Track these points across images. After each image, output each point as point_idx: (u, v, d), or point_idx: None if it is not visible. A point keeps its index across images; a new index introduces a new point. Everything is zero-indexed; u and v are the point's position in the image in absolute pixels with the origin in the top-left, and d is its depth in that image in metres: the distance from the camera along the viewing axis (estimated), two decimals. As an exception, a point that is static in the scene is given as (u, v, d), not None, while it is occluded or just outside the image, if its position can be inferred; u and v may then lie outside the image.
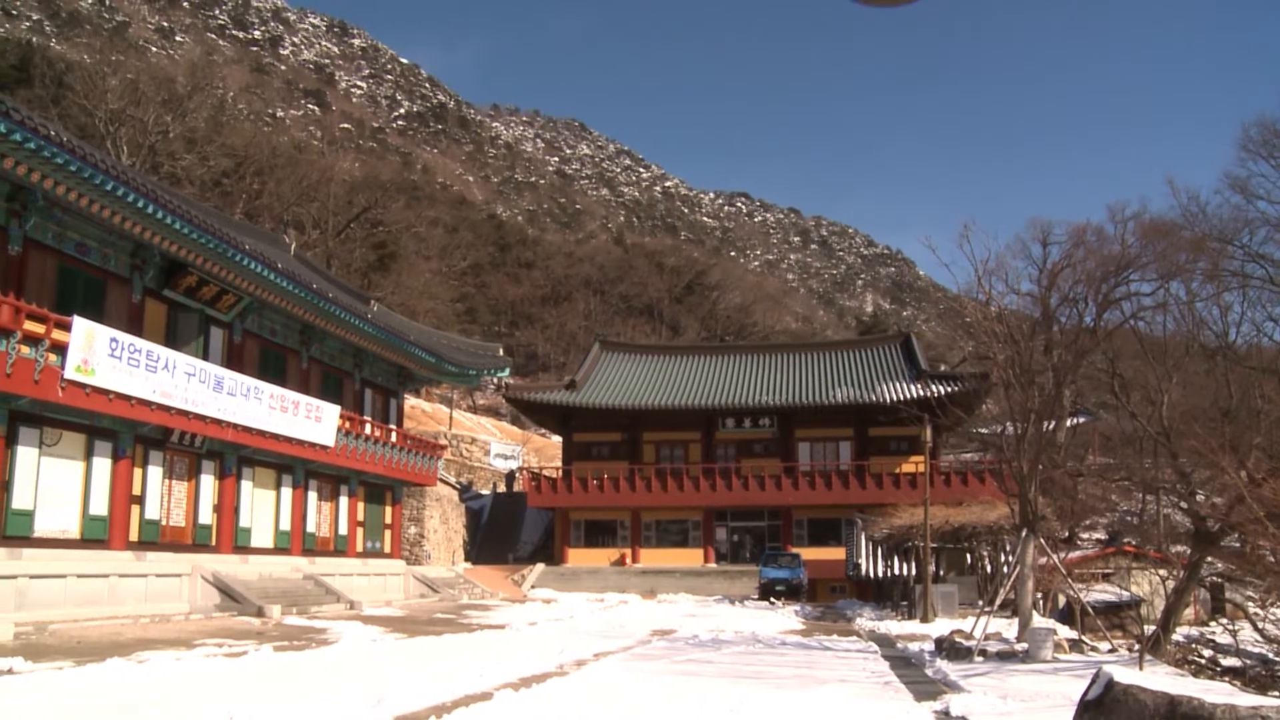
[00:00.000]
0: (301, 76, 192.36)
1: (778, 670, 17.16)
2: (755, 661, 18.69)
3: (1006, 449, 25.56)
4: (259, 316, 32.11)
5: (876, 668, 18.01)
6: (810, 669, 17.43)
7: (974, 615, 24.22)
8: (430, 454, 41.98)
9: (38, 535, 22.69)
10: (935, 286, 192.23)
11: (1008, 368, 24.89)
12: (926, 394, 46.41)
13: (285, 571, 31.67)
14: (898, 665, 18.66)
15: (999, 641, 20.82)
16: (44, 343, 21.39)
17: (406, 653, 18.51)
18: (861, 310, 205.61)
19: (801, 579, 44.39)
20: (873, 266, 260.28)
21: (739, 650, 20.96)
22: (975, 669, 17.44)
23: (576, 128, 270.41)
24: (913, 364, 56.87)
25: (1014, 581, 23.22)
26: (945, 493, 45.51)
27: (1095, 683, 8.73)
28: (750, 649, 21.43)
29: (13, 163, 19.94)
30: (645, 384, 58.91)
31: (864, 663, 18.87)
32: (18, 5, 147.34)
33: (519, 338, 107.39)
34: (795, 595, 43.39)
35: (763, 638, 24.49)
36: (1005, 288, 28.96)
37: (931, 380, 52.67)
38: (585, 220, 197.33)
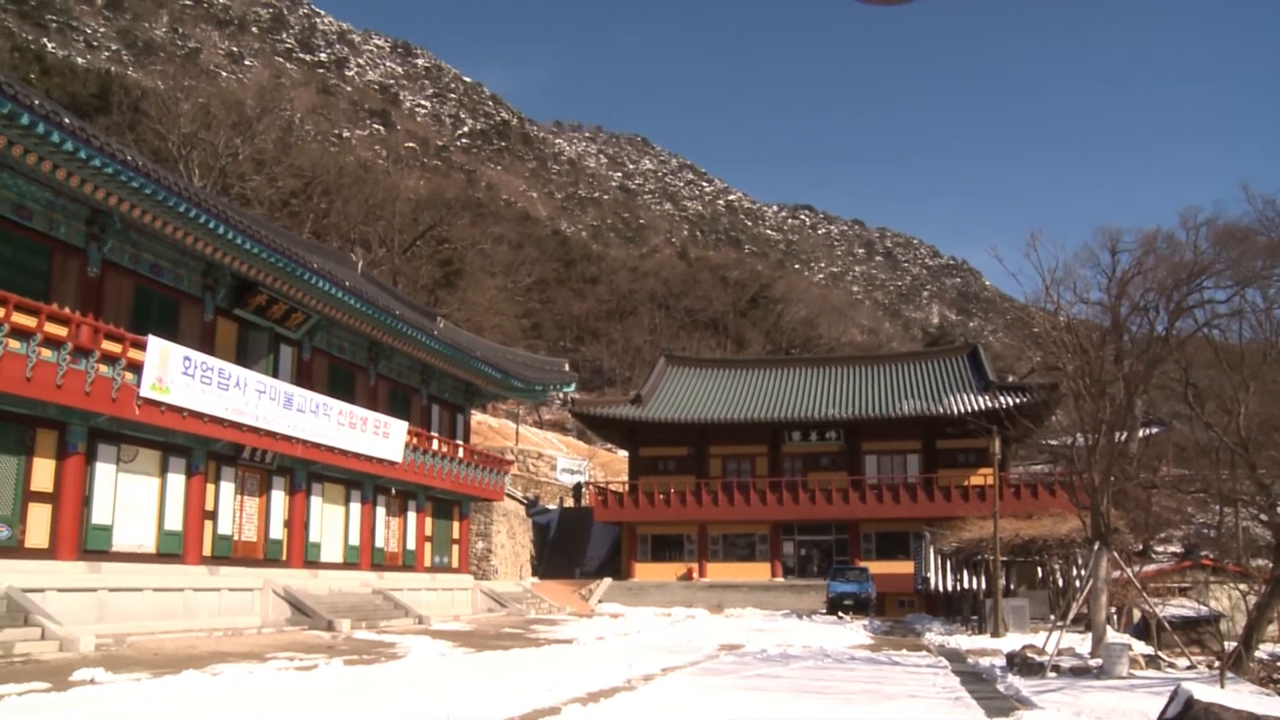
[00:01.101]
0: (367, 97, 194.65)
1: (846, 685, 17.02)
2: (823, 677, 18.54)
3: (1077, 461, 25.20)
4: (327, 334, 32.49)
5: (947, 683, 17.79)
6: (879, 684, 17.26)
7: (1046, 630, 23.90)
8: (497, 469, 42.20)
9: (116, 550, 23.13)
10: (1002, 297, 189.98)
11: (1077, 378, 24.56)
12: (994, 405, 45.92)
13: (354, 586, 31.95)
14: (968, 681, 18.42)
15: (1072, 657, 20.49)
16: (121, 362, 21.81)
17: (475, 667, 18.58)
18: (927, 322, 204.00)
19: (869, 593, 44.02)
20: (938, 277, 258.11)
21: (807, 665, 20.82)
22: (1048, 685, 17.18)
23: (639, 142, 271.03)
24: (980, 375, 56.26)
25: (1087, 596, 22.86)
26: (1015, 505, 44.94)
27: (1174, 700, 8.57)
28: (818, 664, 21.28)
29: (91, 187, 20.40)
30: (711, 398, 58.80)
31: (934, 678, 18.65)
32: (99, 37, 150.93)
33: (584, 353, 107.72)
34: (863, 609, 43.04)
35: (831, 652, 24.30)
36: (1074, 297, 28.50)
37: (999, 392, 52.08)
38: (649, 235, 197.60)
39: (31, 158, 18.96)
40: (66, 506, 21.76)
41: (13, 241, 21.20)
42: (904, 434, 54.78)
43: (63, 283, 22.29)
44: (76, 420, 21.92)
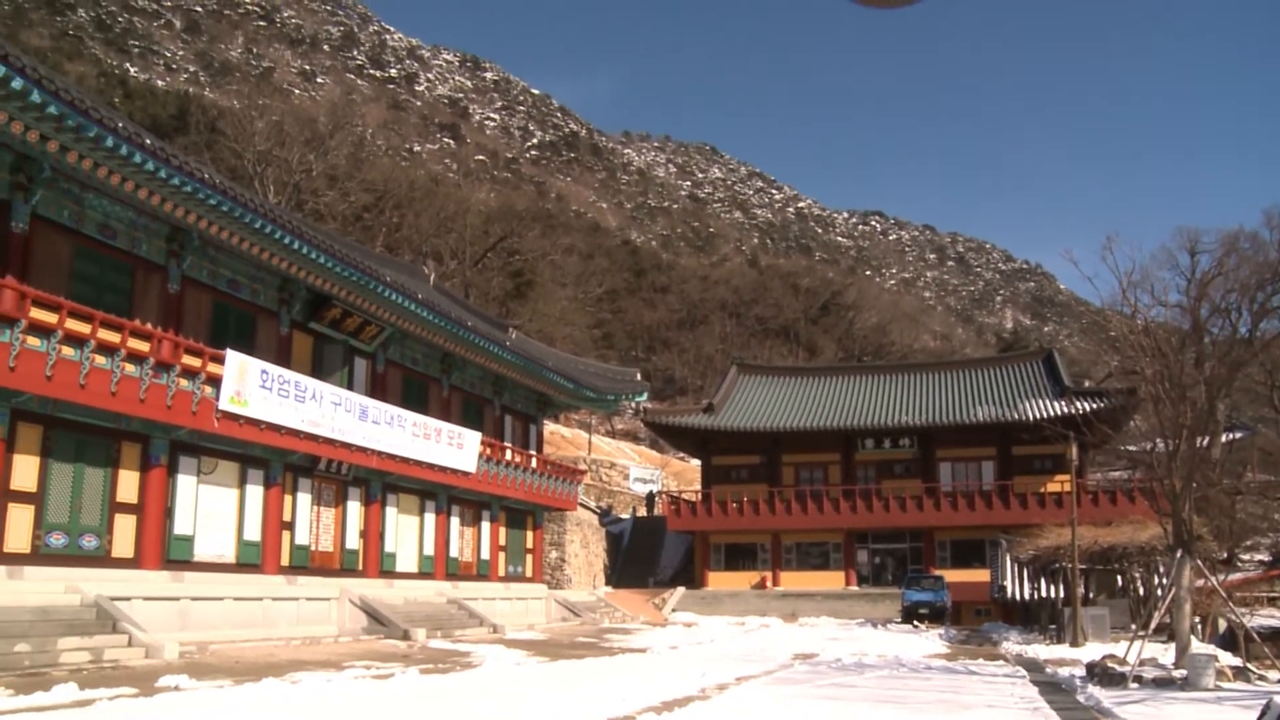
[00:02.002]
0: (437, 111, 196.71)
1: (922, 695, 16.85)
2: (899, 686, 18.38)
3: (1157, 467, 24.72)
4: (401, 346, 32.86)
5: (1025, 693, 17.54)
6: (955, 694, 17.08)
7: (1126, 640, 23.47)
8: (570, 479, 42.36)
9: (197, 560, 23.58)
10: (1077, 301, 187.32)
11: (1157, 382, 24.11)
12: (1071, 411, 45.14)
13: (429, 595, 32.24)
14: (1047, 691, 18.15)
15: (1155, 667, 20.11)
16: (200, 376, 22.25)
17: (549, 676, 18.66)
18: (1001, 327, 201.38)
19: (945, 602, 43.55)
20: (1012, 282, 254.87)
21: (882, 674, 20.65)
22: (1130, 696, 16.87)
23: (708, 151, 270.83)
24: (1056, 381, 55.44)
25: (1169, 605, 22.42)
26: (1093, 512, 44.23)
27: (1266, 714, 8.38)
28: (893, 673, 21.09)
29: (171, 205, 20.86)
30: (783, 406, 58.59)
31: (1011, 688, 18.40)
32: (177, 60, 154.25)
33: (656, 362, 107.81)
34: (939, 618, 42.59)
35: (906, 662, 24.08)
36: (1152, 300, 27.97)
37: (1076, 397, 51.22)
38: (719, 243, 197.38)
39: (115, 178, 19.44)
40: (150, 517, 22.24)
41: (98, 260, 21.74)
42: (979, 441, 54.16)
43: (144, 299, 22.80)
44: (159, 433, 22.40)
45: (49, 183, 20.07)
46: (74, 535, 20.53)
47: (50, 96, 16.95)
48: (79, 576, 19.87)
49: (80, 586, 19.48)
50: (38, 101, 16.79)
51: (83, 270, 21.37)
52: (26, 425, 19.63)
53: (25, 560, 19.29)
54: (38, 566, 19.43)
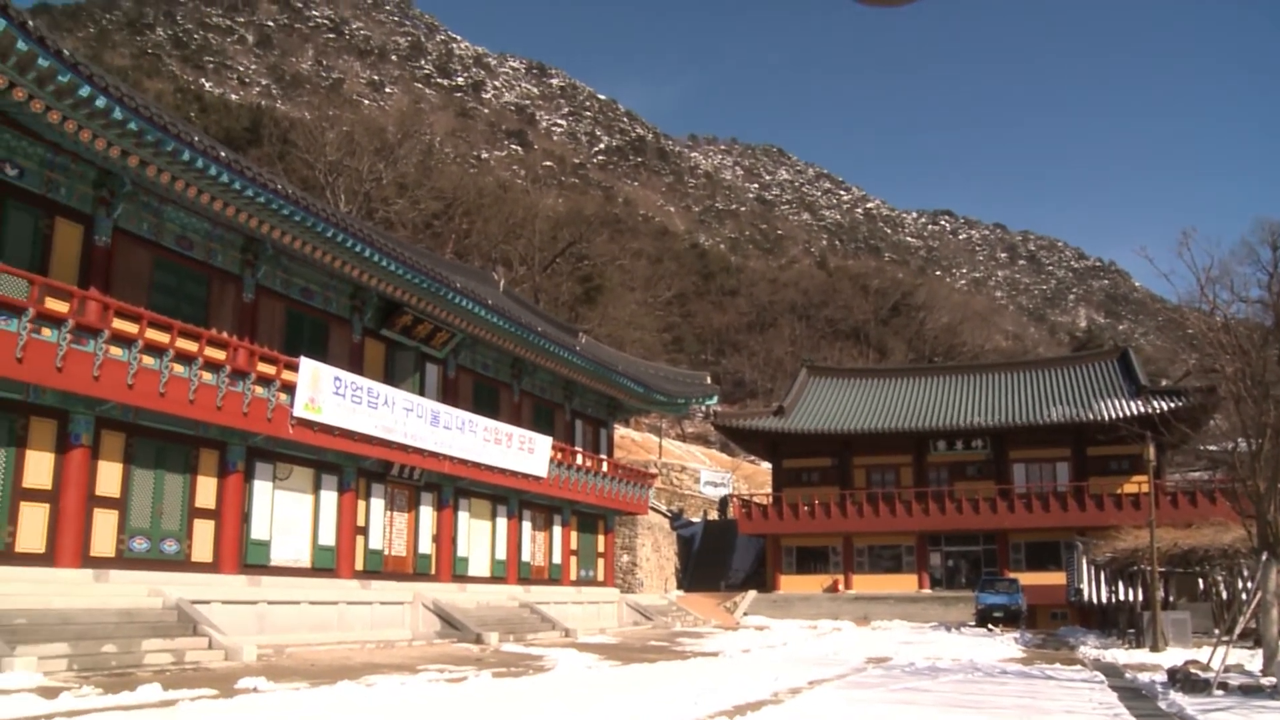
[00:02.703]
0: (504, 118, 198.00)
1: (998, 700, 16.63)
2: (974, 690, 18.16)
3: (1239, 467, 24.17)
4: (471, 352, 33.12)
5: (1104, 699, 17.23)
6: (1033, 699, 16.84)
7: (1209, 645, 22.97)
8: (641, 483, 42.42)
9: (274, 564, 23.95)
10: (1153, 298, 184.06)
11: (1237, 380, 23.58)
12: (1148, 411, 44.40)
13: (502, 600, 32.45)
14: (1127, 697, 17.81)
15: (1241, 674, 19.63)
16: (275, 383, 22.61)
17: (621, 680, 18.68)
18: (1074, 326, 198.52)
19: (1020, 605, 42.99)
20: (1084, 280, 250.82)
21: (957, 679, 20.41)
22: (1215, 703, 16.49)
23: (775, 153, 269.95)
24: (1132, 380, 54.51)
25: (1255, 609, 21.89)
26: (1172, 514, 43.46)
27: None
28: (968, 677, 20.84)
29: (245, 216, 21.24)
30: (854, 408, 58.24)
31: (1090, 693, 18.09)
32: (250, 74, 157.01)
33: (726, 365, 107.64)
34: (1014, 622, 42.04)
35: (981, 666, 23.79)
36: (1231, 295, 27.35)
37: (1153, 396, 50.34)
38: (788, 245, 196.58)
39: (192, 191, 19.84)
40: (228, 522, 22.65)
41: (176, 271, 22.20)
42: (1053, 441, 53.41)
43: (220, 308, 23.23)
44: (235, 440, 22.79)
45: (129, 196, 20.55)
46: (156, 540, 20.96)
47: (131, 113, 17.35)
48: (161, 580, 20.28)
49: (162, 590, 19.89)
50: (119, 118, 17.21)
51: (161, 281, 21.83)
52: (110, 433, 20.09)
53: (110, 564, 19.76)
54: (122, 570, 19.89)
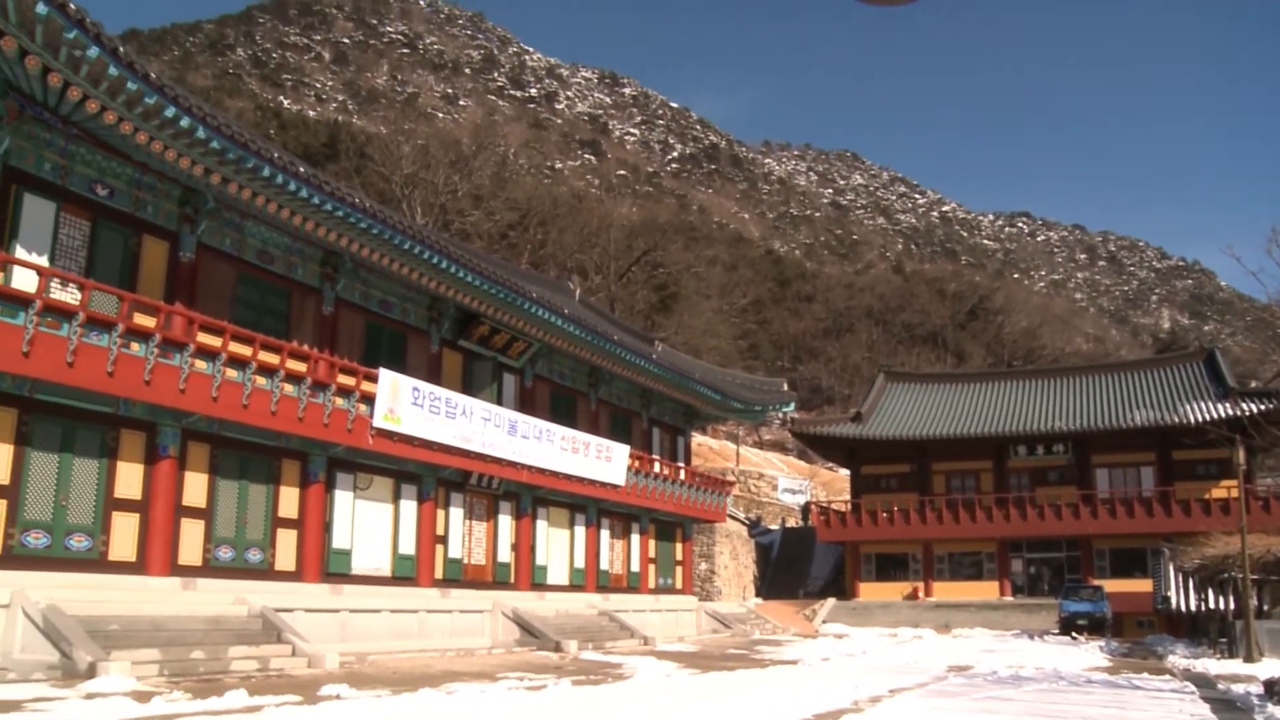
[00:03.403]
0: (577, 128, 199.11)
1: (1084, 710, 16.35)
2: (1059, 700, 17.86)
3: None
4: (548, 361, 33.32)
5: (1196, 710, 16.83)
6: (1120, 709, 16.52)
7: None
8: (718, 490, 42.34)
9: (355, 573, 24.28)
10: (1240, 298, 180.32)
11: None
12: (1236, 413, 43.41)
13: (580, 608, 32.55)
14: (1220, 709, 17.37)
15: (1344, 686, 19.03)
16: (355, 394, 22.93)
17: (700, 688, 18.66)
18: (1158, 327, 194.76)
19: (1105, 613, 42.18)
20: (1168, 280, 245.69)
21: (1041, 688, 20.08)
22: (1315, 716, 16.01)
23: (849, 158, 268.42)
24: (1219, 381, 53.34)
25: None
26: (1264, 519, 42.39)
27: None
28: (1053, 686, 20.49)
29: (324, 230, 21.60)
30: (932, 413, 57.66)
31: (1180, 704, 17.69)
32: (327, 90, 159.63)
33: (802, 372, 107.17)
34: (1099, 630, 41.26)
35: (1065, 675, 23.38)
36: (1323, 294, 26.76)
37: (1242, 398, 49.17)
38: (863, 250, 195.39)
39: (272, 206, 20.23)
40: (310, 532, 23.01)
41: (257, 285, 22.64)
42: (1137, 446, 52.40)
43: (301, 321, 23.63)
44: (317, 450, 23.15)
45: (212, 213, 21.00)
46: (240, 549, 21.36)
47: (213, 132, 17.75)
48: (245, 588, 20.66)
49: (247, 598, 20.25)
50: (202, 137, 17.62)
51: (243, 295, 22.27)
52: (196, 444, 20.52)
53: (197, 572, 20.18)
54: (209, 578, 20.30)
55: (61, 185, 18.43)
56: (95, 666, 14.89)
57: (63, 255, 18.43)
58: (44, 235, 18.11)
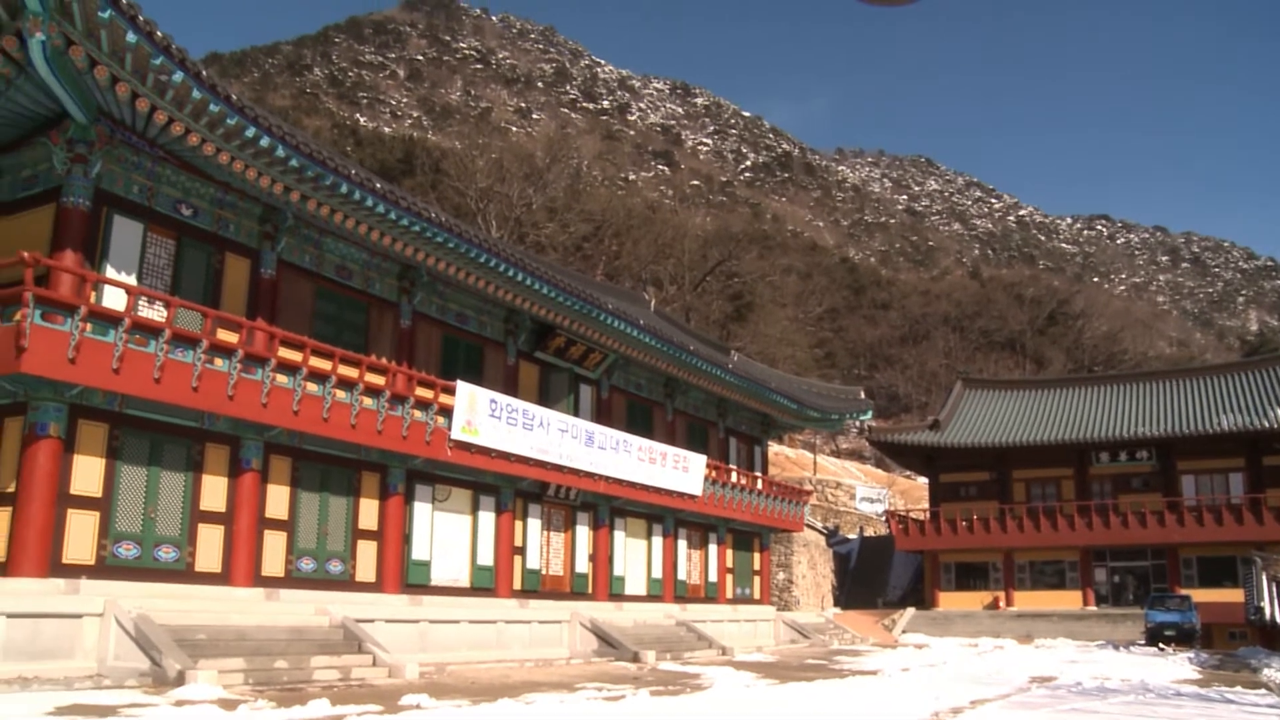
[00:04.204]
0: (650, 139, 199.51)
1: (1173, 721, 16.03)
2: (1147, 712, 17.49)
3: None
4: (624, 372, 33.42)
5: (1292, 723, 16.42)
6: (1211, 722, 16.16)
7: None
8: (796, 500, 42.15)
9: (434, 584, 24.53)
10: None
11: None
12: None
13: (658, 618, 32.56)
14: (1319, 722, 16.92)
15: None
16: (433, 407, 23.19)
17: (779, 698, 18.57)
18: (1245, 329, 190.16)
19: (1193, 623, 41.22)
20: (1255, 281, 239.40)
21: (1128, 700, 19.69)
22: None
23: (923, 164, 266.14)
24: (1313, 384, 52.02)
25: None
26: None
27: None
28: (1140, 698, 20.08)
29: (401, 245, 21.91)
30: (1011, 420, 56.92)
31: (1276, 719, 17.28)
32: (402, 107, 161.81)
33: (879, 379, 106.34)
34: (1187, 641, 40.35)
35: (1153, 687, 22.88)
36: None
37: (1335, 401, 47.94)
38: (939, 257, 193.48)
39: (350, 222, 20.57)
40: (389, 543, 23.29)
41: (336, 300, 23.00)
42: (1225, 451, 51.21)
43: (379, 335, 23.96)
44: (396, 463, 23.44)
45: (292, 230, 21.41)
46: (321, 560, 21.68)
47: (292, 150, 18.11)
48: (326, 599, 20.97)
49: (328, 608, 20.54)
50: (281, 156, 17.99)
51: (323, 309, 22.63)
52: (278, 457, 20.88)
53: (280, 583, 20.52)
54: (291, 589, 20.64)
55: (148, 206, 18.91)
56: (184, 674, 15.21)
57: (149, 274, 18.90)
58: (132, 255, 18.59)
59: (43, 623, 15.86)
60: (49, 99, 16.44)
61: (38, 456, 16.69)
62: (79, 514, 17.27)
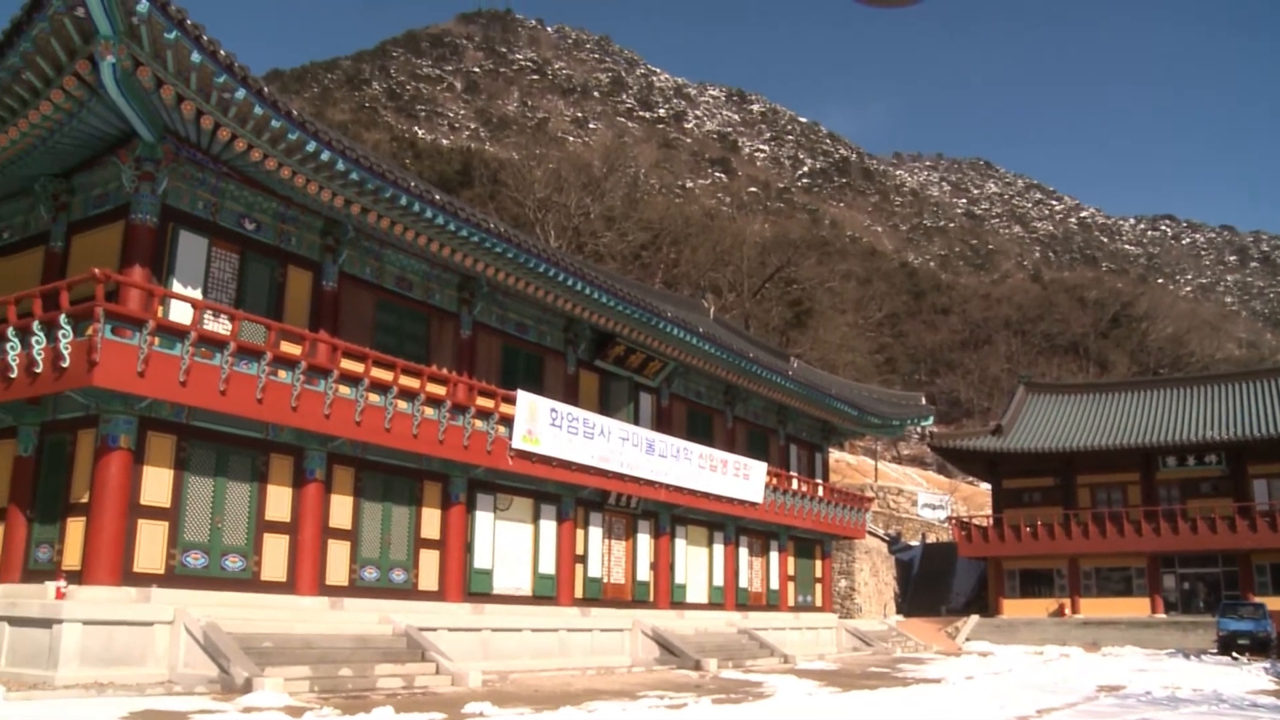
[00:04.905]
0: (706, 146, 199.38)
1: (1247, 732, 15.70)
2: (1220, 722, 17.19)
3: None
4: (684, 380, 33.43)
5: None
6: (1288, 732, 15.81)
7: None
8: (857, 506, 41.91)
9: (496, 592, 24.67)
10: None
11: None
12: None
13: (719, 626, 32.49)
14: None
15: None
16: (493, 416, 23.34)
17: (842, 706, 18.49)
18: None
19: (1269, 632, 40.34)
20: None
21: (1200, 711, 19.30)
22: None
23: (982, 166, 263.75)
24: (1387, 385, 50.84)
25: None
26: None
27: None
28: (1213, 709, 19.68)
29: (461, 256, 22.12)
30: (1075, 425, 56.18)
31: (1358, 729, 16.83)
32: (459, 119, 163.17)
33: (940, 385, 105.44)
34: (1262, 650, 39.47)
35: (1227, 697, 22.41)
36: None
37: None
38: (999, 260, 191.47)
39: (410, 234, 20.80)
40: (452, 552, 23.46)
41: (396, 311, 23.24)
42: (1299, 455, 50.13)
43: (439, 345, 24.18)
44: (457, 472, 23.62)
45: (353, 242, 21.69)
46: (385, 569, 21.90)
47: (352, 164, 18.36)
48: (390, 608, 21.16)
49: (391, 617, 20.74)
50: (342, 170, 18.26)
51: (383, 321, 22.89)
52: (341, 468, 21.13)
53: (344, 592, 20.75)
54: (354, 598, 20.86)
55: (213, 221, 19.26)
56: (251, 682, 15.43)
57: (214, 288, 19.22)
58: (197, 269, 18.92)
59: (116, 630, 16.19)
60: (119, 119, 16.82)
61: (109, 468, 17.04)
62: (149, 524, 17.61)
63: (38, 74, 15.68)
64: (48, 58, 15.38)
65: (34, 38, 15.06)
